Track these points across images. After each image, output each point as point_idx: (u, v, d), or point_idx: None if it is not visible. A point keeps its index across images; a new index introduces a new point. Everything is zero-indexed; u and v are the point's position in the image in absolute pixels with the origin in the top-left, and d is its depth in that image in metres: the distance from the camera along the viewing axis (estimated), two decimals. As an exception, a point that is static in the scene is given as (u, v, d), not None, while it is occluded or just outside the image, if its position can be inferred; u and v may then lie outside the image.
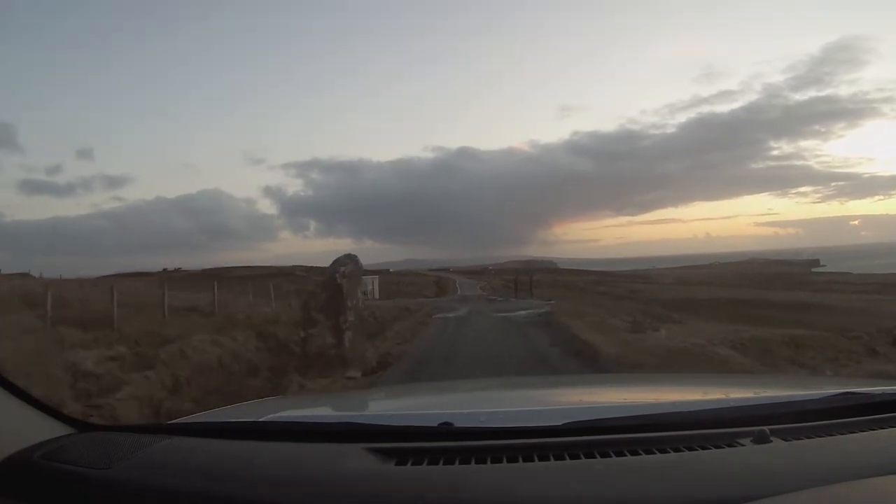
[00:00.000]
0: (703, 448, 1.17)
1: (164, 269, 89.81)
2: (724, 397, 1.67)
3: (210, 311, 15.80)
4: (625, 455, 1.15)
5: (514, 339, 14.61)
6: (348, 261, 11.66)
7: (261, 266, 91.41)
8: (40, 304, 11.20)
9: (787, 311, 24.41)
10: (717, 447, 1.18)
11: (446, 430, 1.30)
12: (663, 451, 1.16)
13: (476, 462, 1.14)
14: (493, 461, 1.14)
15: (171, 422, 1.72)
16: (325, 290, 11.32)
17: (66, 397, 5.83)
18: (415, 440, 1.27)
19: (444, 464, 1.14)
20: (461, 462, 1.14)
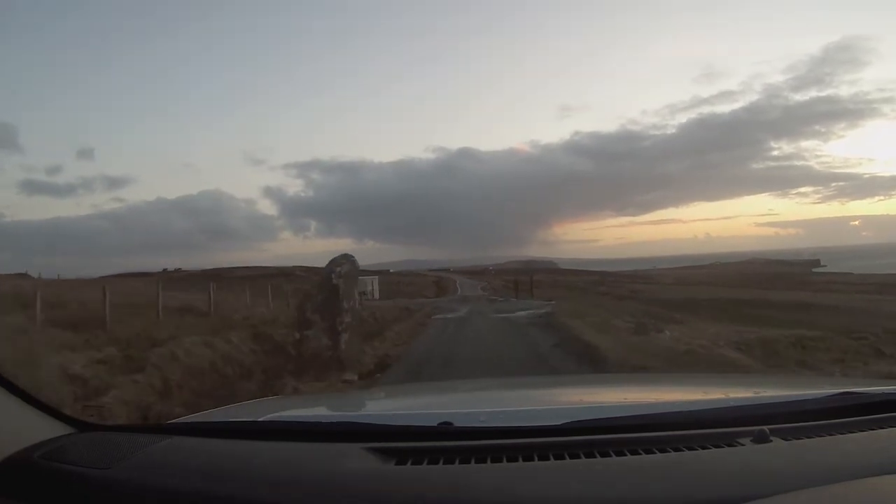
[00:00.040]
0: (703, 448, 1.17)
1: (165, 270, 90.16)
2: (724, 397, 1.68)
3: (206, 311, 15.67)
4: (625, 455, 1.14)
5: (514, 340, 14.52)
6: (344, 261, 11.44)
7: (261, 266, 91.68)
8: (32, 304, 11.03)
9: (788, 311, 24.34)
10: (716, 447, 1.17)
11: (446, 430, 1.30)
12: (663, 450, 1.15)
13: (476, 462, 1.13)
14: (493, 461, 1.14)
15: (170, 422, 1.73)
16: (321, 290, 11.14)
17: (50, 401, 5.65)
18: (415, 440, 1.27)
19: (444, 463, 1.14)
20: (461, 462, 1.14)
